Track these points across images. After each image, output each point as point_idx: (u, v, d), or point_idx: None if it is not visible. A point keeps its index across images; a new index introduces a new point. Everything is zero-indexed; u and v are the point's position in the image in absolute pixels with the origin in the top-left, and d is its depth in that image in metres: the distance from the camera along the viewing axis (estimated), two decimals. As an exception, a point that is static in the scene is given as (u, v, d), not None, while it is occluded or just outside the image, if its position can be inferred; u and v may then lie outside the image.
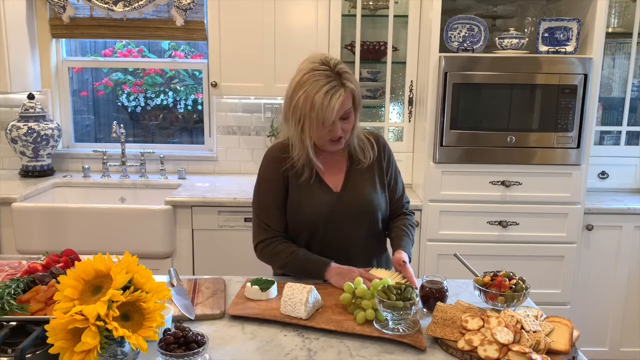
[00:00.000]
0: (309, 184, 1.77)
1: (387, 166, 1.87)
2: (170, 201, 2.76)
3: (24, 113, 3.15)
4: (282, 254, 1.75)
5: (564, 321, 1.38)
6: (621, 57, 3.08)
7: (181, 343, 1.16)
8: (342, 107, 1.64)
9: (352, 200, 1.78)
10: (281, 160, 1.77)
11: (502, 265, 2.68)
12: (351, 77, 1.67)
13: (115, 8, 3.15)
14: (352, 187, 1.80)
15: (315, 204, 1.76)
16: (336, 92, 1.61)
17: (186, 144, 3.60)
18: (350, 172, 1.81)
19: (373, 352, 1.34)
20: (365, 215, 1.79)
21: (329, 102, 1.60)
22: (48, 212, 2.74)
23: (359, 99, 1.72)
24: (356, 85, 1.69)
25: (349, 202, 1.78)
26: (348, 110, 1.67)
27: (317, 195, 1.77)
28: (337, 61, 1.67)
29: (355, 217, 1.77)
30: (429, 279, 1.59)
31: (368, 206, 1.80)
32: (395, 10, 2.95)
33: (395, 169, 1.91)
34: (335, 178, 1.81)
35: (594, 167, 3.02)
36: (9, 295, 1.35)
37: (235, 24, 2.95)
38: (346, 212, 1.77)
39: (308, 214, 1.77)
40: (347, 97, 1.64)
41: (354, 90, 1.67)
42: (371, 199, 1.80)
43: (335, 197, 1.78)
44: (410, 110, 3.03)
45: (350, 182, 1.80)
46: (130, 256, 1.16)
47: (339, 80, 1.63)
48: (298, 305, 1.45)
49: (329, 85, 1.60)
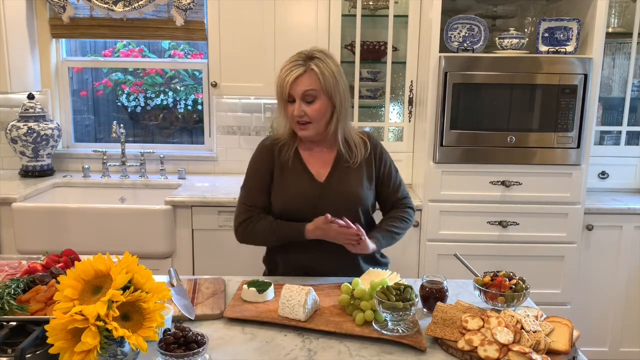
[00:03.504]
0: (294, 171, 1.82)
1: (379, 163, 1.89)
2: (170, 201, 2.76)
3: (24, 113, 3.15)
4: (265, 223, 1.81)
5: (564, 321, 1.38)
6: (621, 57, 3.08)
7: (181, 343, 1.16)
8: (300, 84, 1.72)
9: (335, 191, 1.81)
10: (270, 148, 1.87)
11: (502, 265, 2.68)
12: (322, 64, 1.73)
13: (115, 8, 3.15)
14: (336, 179, 1.83)
15: (299, 190, 1.80)
16: (296, 69, 1.72)
17: (186, 144, 3.60)
18: (336, 167, 1.84)
19: (373, 352, 1.34)
20: (348, 207, 1.81)
21: (286, 76, 1.72)
22: (48, 212, 2.74)
23: (330, 86, 1.74)
24: (328, 72, 1.73)
25: (332, 193, 1.80)
26: (310, 91, 1.72)
27: (301, 182, 1.81)
28: (317, 49, 1.77)
29: (337, 209, 1.76)
30: (429, 279, 1.59)
31: (351, 198, 1.82)
32: (395, 10, 2.95)
33: (389, 166, 1.93)
34: (321, 170, 1.84)
35: (594, 167, 3.02)
36: (9, 295, 1.35)
37: (235, 24, 2.95)
38: (329, 203, 1.78)
39: (290, 199, 1.81)
40: (309, 77, 1.72)
41: (319, 74, 1.72)
42: (355, 192, 1.82)
43: (319, 186, 1.81)
44: (410, 110, 3.03)
45: (336, 175, 1.83)
46: (130, 256, 1.16)
47: (306, 61, 1.73)
48: (296, 307, 1.45)
49: (293, 64, 1.74)
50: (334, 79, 1.75)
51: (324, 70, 1.73)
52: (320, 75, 1.73)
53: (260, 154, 1.89)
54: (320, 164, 1.85)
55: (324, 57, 1.76)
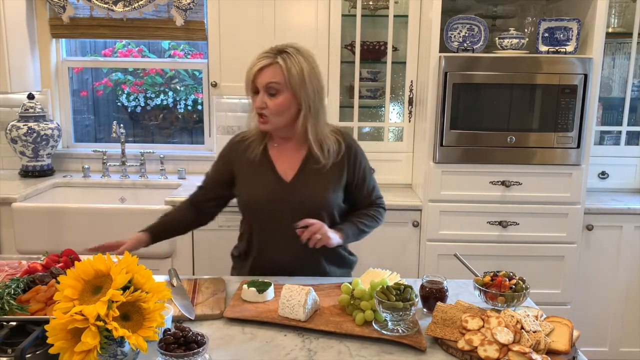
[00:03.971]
0: (260, 168, 1.80)
1: (353, 167, 1.83)
2: (170, 201, 2.76)
3: (23, 113, 3.15)
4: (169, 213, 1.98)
5: (564, 321, 1.38)
6: (621, 57, 3.08)
7: (181, 343, 1.16)
8: (264, 75, 1.71)
9: (300, 193, 1.77)
10: (236, 145, 1.87)
11: (502, 265, 2.68)
12: (290, 60, 1.70)
13: (115, 8, 3.15)
14: (303, 180, 1.79)
15: (263, 189, 1.79)
16: (264, 59, 1.71)
17: (186, 144, 3.60)
18: (305, 167, 1.80)
19: (373, 352, 1.34)
20: (311, 210, 1.75)
21: (253, 66, 1.72)
22: (48, 212, 2.74)
23: (295, 83, 1.70)
24: (295, 68, 1.70)
25: (297, 194, 1.77)
26: (272, 84, 1.70)
27: (267, 180, 1.79)
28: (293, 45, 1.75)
29: (300, 211, 1.73)
30: (429, 279, 1.59)
31: (316, 201, 1.77)
32: (395, 10, 2.95)
33: (364, 168, 1.87)
34: (288, 169, 1.81)
35: (594, 167, 3.02)
36: (9, 295, 1.35)
37: (235, 24, 2.95)
38: (292, 204, 1.76)
39: (254, 197, 1.80)
40: (273, 70, 1.70)
41: (285, 69, 1.70)
42: (321, 195, 1.78)
43: (285, 186, 1.78)
44: (410, 110, 3.03)
45: (303, 176, 1.79)
46: (130, 256, 1.16)
47: (275, 55, 1.72)
48: (296, 307, 1.45)
49: (263, 54, 1.73)
50: (301, 76, 1.70)
51: (290, 66, 1.69)
52: (286, 70, 1.69)
53: (225, 150, 1.91)
54: (288, 163, 1.81)
55: (296, 53, 1.72)
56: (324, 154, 1.78)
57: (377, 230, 1.94)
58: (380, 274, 1.67)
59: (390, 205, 2.76)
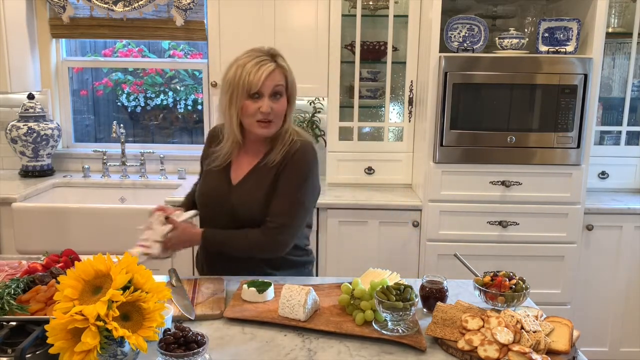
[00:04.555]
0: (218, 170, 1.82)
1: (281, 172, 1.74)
2: (170, 201, 2.75)
3: (23, 113, 3.15)
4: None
5: (564, 321, 1.38)
6: (621, 57, 3.08)
7: (181, 343, 1.16)
8: (272, 78, 1.68)
9: (239, 195, 1.76)
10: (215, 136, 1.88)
11: (502, 265, 2.68)
12: (285, 62, 1.74)
13: (115, 8, 3.15)
14: (247, 186, 1.76)
15: (212, 190, 1.82)
16: (266, 63, 1.68)
17: (186, 144, 3.60)
18: (255, 169, 1.77)
19: (373, 352, 1.34)
20: (246, 213, 1.74)
21: (258, 69, 1.66)
22: (48, 212, 2.74)
23: (292, 86, 1.74)
24: (289, 71, 1.74)
25: (236, 197, 1.76)
26: (279, 87, 1.70)
27: (218, 181, 1.81)
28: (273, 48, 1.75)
29: (237, 216, 1.75)
30: (429, 279, 1.59)
31: (252, 203, 1.74)
32: (395, 10, 2.95)
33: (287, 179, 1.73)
34: (240, 171, 1.80)
35: (594, 167, 3.02)
36: (9, 295, 1.35)
37: (235, 24, 2.95)
38: (232, 206, 1.76)
39: (203, 195, 1.85)
40: (278, 74, 1.70)
41: (286, 71, 1.72)
42: (255, 197, 1.74)
43: (229, 189, 1.79)
44: (410, 110, 3.03)
45: (250, 180, 1.77)
46: (130, 256, 1.16)
47: (271, 58, 1.70)
48: (296, 307, 1.45)
49: (260, 58, 1.68)
50: (292, 77, 1.75)
51: (287, 68, 1.74)
52: (288, 73, 1.73)
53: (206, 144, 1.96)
54: (245, 162, 1.80)
55: (280, 54, 1.75)
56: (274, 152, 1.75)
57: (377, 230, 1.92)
58: (380, 274, 1.67)
59: (390, 205, 2.79)
